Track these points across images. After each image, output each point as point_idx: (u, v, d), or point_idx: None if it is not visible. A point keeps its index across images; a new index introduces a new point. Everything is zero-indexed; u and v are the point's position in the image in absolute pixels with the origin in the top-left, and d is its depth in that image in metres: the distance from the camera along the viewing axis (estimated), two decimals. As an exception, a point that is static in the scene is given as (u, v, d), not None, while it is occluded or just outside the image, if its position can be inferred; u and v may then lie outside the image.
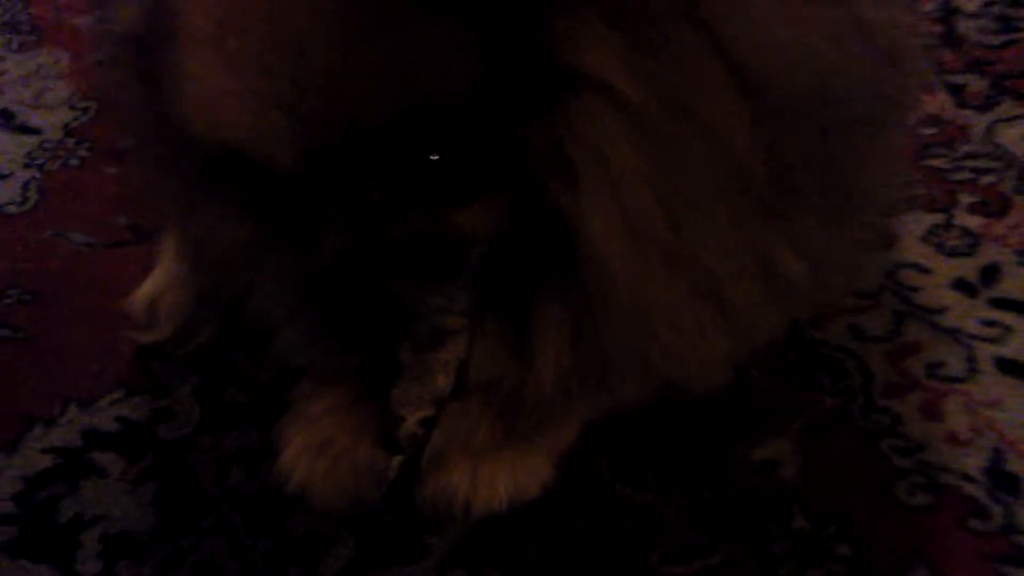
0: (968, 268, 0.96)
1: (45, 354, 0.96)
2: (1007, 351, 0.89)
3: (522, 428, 0.78)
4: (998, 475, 0.79)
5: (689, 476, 0.80)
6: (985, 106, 1.15)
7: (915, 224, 0.99)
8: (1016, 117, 1.13)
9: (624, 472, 0.81)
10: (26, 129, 1.24)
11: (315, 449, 0.78)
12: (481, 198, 0.60)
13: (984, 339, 0.90)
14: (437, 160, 0.57)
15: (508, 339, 0.68)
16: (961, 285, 0.95)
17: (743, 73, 0.54)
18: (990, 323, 0.91)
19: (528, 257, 0.63)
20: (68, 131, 1.23)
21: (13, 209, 1.13)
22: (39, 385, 0.93)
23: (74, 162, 1.19)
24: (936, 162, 1.08)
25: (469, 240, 0.62)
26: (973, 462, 0.80)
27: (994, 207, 1.03)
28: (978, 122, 1.13)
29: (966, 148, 1.10)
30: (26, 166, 1.19)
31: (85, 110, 1.26)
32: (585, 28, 0.54)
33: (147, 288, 0.95)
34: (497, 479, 0.78)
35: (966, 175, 1.06)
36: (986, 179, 1.06)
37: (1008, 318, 0.91)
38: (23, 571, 0.78)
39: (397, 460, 0.79)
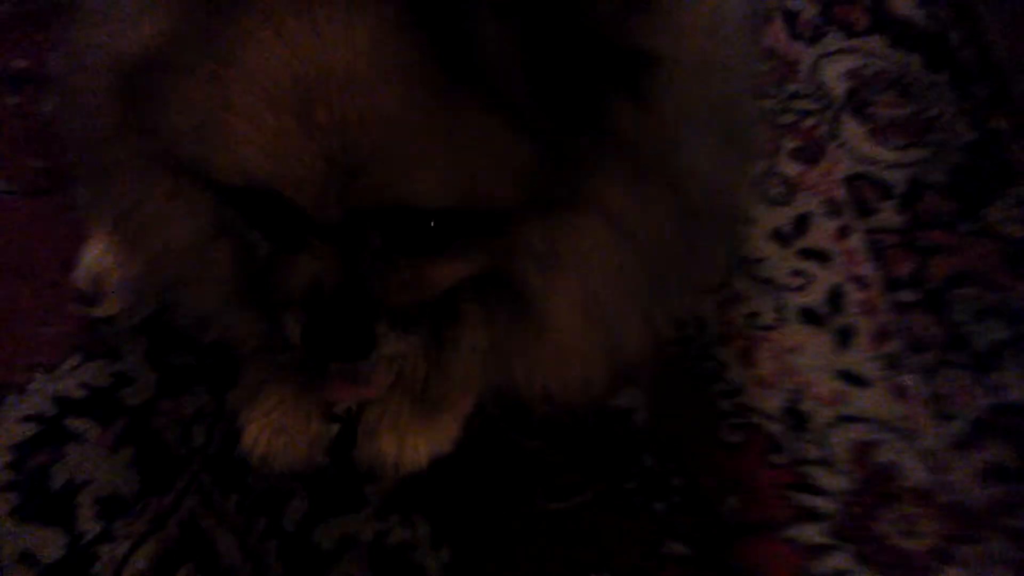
0: (784, 217, 1.18)
1: (-1, 316, 1.07)
2: (809, 300, 1.13)
3: (434, 403, 0.98)
4: (792, 414, 1.06)
5: (566, 424, 1.03)
6: (814, 37, 1.31)
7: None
8: (839, 51, 1.31)
9: (516, 423, 1.03)
10: (-93, 46, 1.23)
11: (273, 431, 0.96)
12: (459, 259, 0.70)
13: (791, 288, 1.13)
14: (436, 227, 0.66)
15: (432, 354, 0.84)
16: (777, 235, 1.17)
17: (682, 195, 0.69)
18: (797, 272, 1.14)
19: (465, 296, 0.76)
20: (-46, 50, 1.23)
21: (-81, 151, 1.16)
22: (3, 349, 1.05)
23: (-31, 91, 1.21)
24: (768, 102, 1.25)
25: (436, 290, 0.72)
26: (775, 403, 1.06)
27: (811, 153, 1.23)
28: (806, 56, 1.30)
29: (793, 87, 1.28)
30: (-81, 95, 1.20)
31: (-35, 21, 1.25)
32: (606, 167, 0.66)
33: (90, 264, 1.05)
34: (418, 444, 0.98)
35: (791, 117, 1.25)
36: (808, 122, 1.25)
37: (812, 267, 1.15)
38: (35, 535, 0.96)
39: (335, 428, 0.99)
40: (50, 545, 0.95)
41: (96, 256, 1.05)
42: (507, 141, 0.61)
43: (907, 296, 1.13)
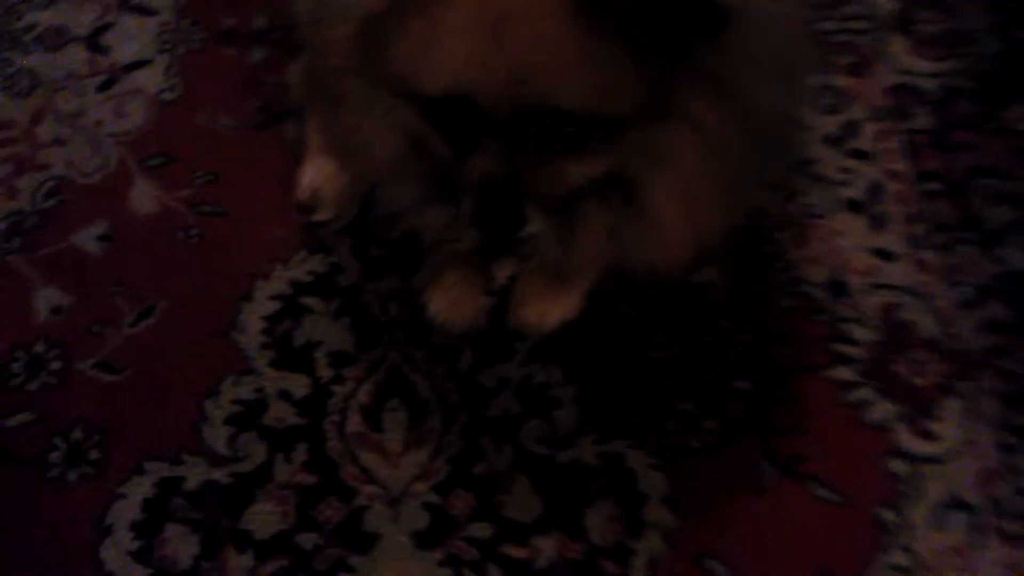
0: (835, 124, 1.48)
1: (244, 225, 1.47)
2: (853, 192, 1.45)
3: (565, 280, 1.36)
4: (834, 284, 1.40)
5: (661, 295, 1.40)
6: (873, -39, 1.56)
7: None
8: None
9: (623, 295, 1.40)
10: (144, 10, 1.61)
11: (451, 302, 1.35)
12: (589, 159, 0.94)
13: (839, 183, 1.45)
14: (573, 132, 0.91)
15: (562, 235, 1.09)
16: (829, 139, 1.47)
17: (750, 118, 0.95)
18: (844, 170, 1.46)
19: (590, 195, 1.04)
20: (181, 11, 1.60)
21: (168, 96, 1.55)
22: (248, 249, 1.45)
23: (195, 45, 1.58)
24: (827, 25, 1.53)
25: (571, 183, 0.97)
26: (821, 276, 1.40)
27: (860, 67, 1.51)
28: (856, -21, 1.55)
29: (848, 9, 1.55)
30: (160, 51, 1.58)
31: (184, -15, 1.61)
32: (694, 89, 0.90)
33: (308, 181, 1.43)
34: (553, 312, 1.36)
35: (845, 36, 1.53)
36: (860, 40, 1.53)
37: (856, 165, 1.46)
38: (289, 379, 1.38)
39: (493, 300, 1.38)
40: (299, 385, 1.37)
41: (312, 175, 1.43)
42: (627, 64, 0.90)
43: (933, 186, 1.44)
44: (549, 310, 1.35)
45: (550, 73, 0.89)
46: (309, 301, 1.41)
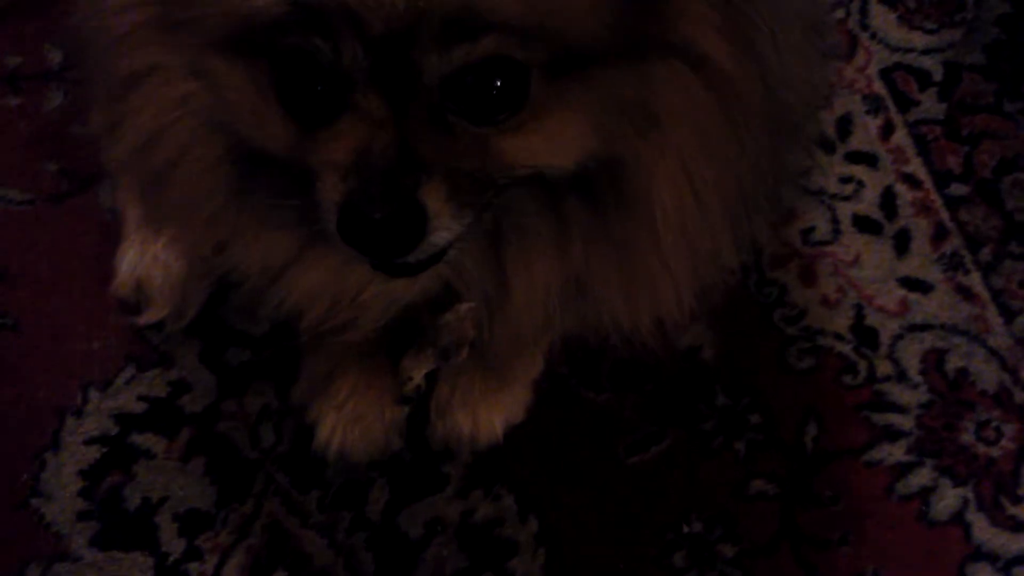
0: (827, 121, 1.10)
1: (42, 339, 1.00)
2: (862, 207, 1.07)
3: (503, 369, 0.93)
4: (860, 331, 1.01)
5: (636, 371, 0.98)
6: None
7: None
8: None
9: (583, 378, 0.99)
10: None
11: (349, 419, 0.91)
12: (535, 132, 0.59)
13: (843, 197, 1.07)
14: (504, 83, 0.56)
15: (492, 290, 0.71)
16: (822, 142, 1.09)
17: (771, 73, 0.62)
18: (847, 180, 1.08)
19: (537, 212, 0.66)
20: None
21: (-77, 167, 1.08)
22: (50, 373, 0.99)
23: (-34, 94, 1.11)
24: None
25: (503, 170, 0.61)
26: (841, 321, 1.01)
27: (844, 48, 1.14)
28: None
29: (819, -20, 1.18)
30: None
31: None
32: (698, 14, 0.58)
33: (128, 267, 0.97)
34: (493, 417, 0.94)
35: (819, 12, 1.16)
36: (838, 14, 1.16)
37: (860, 171, 1.08)
38: (121, 562, 0.92)
39: (407, 410, 0.94)
40: (137, 569, 0.91)
41: (133, 260, 0.98)
42: None
43: (959, 190, 1.07)
44: (486, 414, 0.94)
45: None
46: (143, 440, 0.96)
